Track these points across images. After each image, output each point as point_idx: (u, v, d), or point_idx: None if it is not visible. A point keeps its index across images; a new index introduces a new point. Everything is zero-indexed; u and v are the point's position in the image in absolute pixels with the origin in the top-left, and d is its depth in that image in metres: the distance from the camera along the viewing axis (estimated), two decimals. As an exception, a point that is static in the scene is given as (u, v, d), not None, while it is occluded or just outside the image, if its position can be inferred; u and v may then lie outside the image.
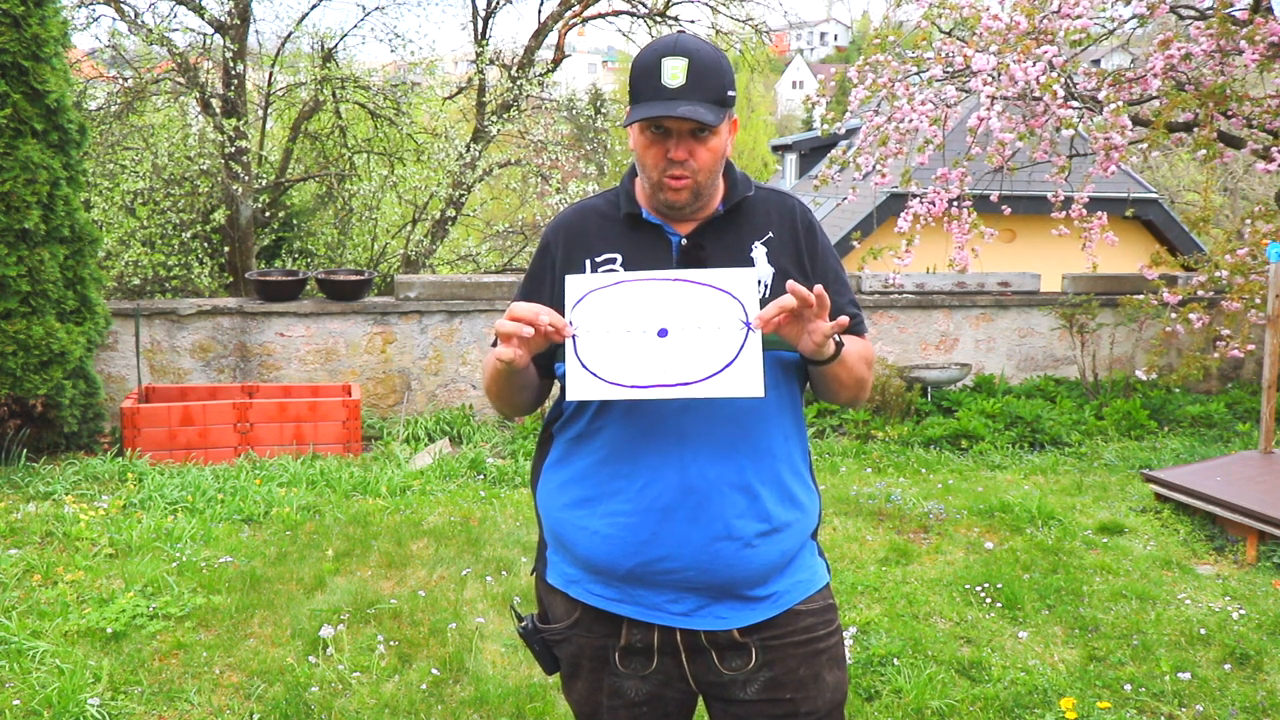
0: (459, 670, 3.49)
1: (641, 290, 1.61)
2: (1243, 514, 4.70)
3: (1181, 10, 6.80)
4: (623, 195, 1.80)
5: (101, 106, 9.44)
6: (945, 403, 7.57)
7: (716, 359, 1.56)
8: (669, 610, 1.71)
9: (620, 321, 1.60)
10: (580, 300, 1.62)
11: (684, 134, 1.66)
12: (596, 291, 1.62)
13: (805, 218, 1.82)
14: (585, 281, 1.63)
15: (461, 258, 12.31)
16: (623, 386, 1.57)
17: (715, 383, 1.55)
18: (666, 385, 1.56)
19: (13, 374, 5.47)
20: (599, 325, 1.60)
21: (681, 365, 1.57)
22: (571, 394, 1.59)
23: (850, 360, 1.70)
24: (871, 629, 3.81)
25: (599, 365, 1.58)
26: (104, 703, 3.15)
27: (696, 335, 1.58)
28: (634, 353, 1.58)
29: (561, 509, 1.76)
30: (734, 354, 1.56)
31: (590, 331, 1.60)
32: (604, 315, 1.60)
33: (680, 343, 1.58)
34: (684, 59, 1.64)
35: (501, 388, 1.74)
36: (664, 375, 1.56)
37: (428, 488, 5.74)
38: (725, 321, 1.57)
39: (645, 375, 1.57)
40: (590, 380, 1.58)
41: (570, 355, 1.60)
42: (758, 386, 1.54)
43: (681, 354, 1.57)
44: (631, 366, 1.57)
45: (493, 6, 11.92)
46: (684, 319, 1.59)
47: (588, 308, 1.61)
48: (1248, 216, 7.37)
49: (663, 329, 1.59)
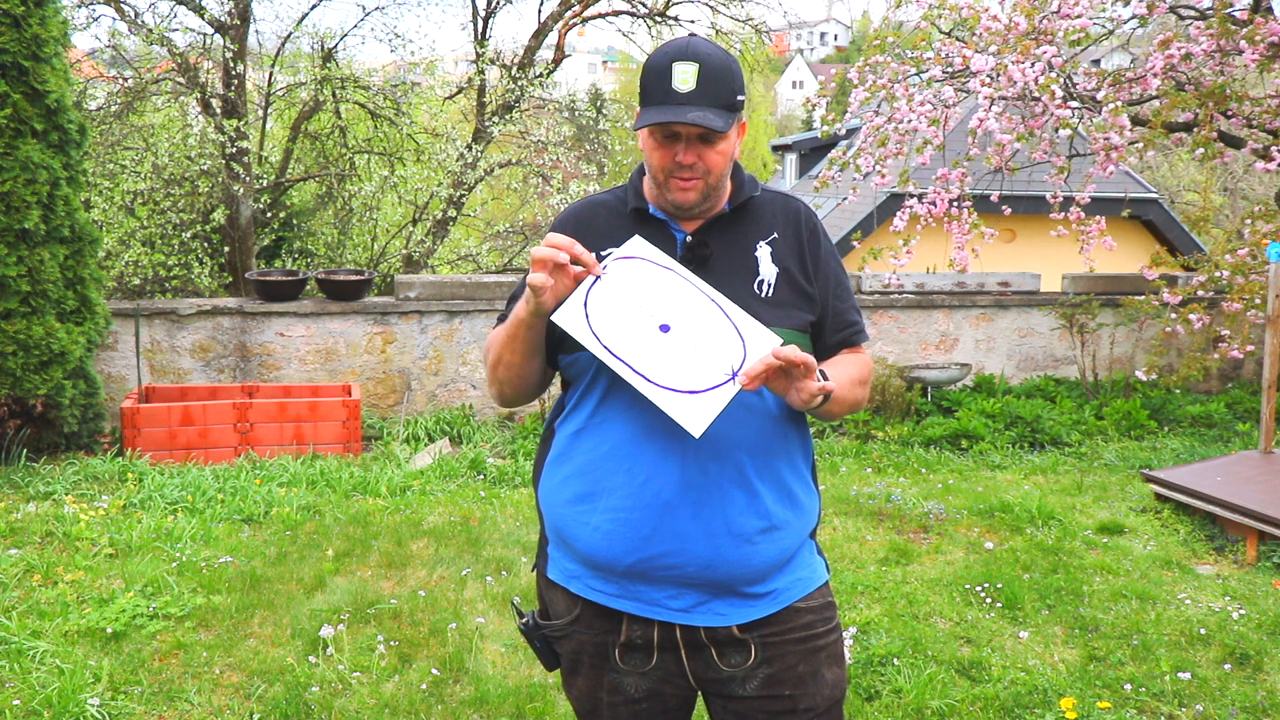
0: (459, 670, 3.49)
1: (678, 286, 1.65)
2: (1243, 514, 4.70)
3: (1181, 10, 6.80)
4: (630, 191, 1.83)
5: (101, 106, 9.44)
6: (945, 403, 7.57)
7: (689, 380, 1.58)
8: (669, 606, 1.72)
9: (641, 294, 1.63)
10: (626, 257, 1.67)
11: (693, 139, 1.68)
12: (644, 261, 1.67)
13: (810, 221, 1.84)
14: (643, 248, 1.68)
15: (462, 258, 12.31)
16: (600, 343, 1.60)
17: (671, 398, 1.57)
18: (633, 369, 1.59)
19: (13, 374, 5.47)
20: (622, 284, 1.64)
21: (659, 364, 1.59)
22: (557, 316, 1.62)
23: (841, 395, 1.71)
24: (871, 629, 3.81)
25: (597, 314, 1.62)
26: (104, 703, 3.15)
27: (690, 351, 1.60)
28: (631, 326, 1.61)
29: (563, 504, 1.77)
30: (704, 388, 1.58)
31: (612, 284, 1.64)
32: (632, 281, 1.65)
33: (672, 346, 1.60)
34: (695, 64, 1.65)
35: (514, 350, 1.73)
36: (638, 360, 1.59)
37: (428, 488, 5.74)
38: (719, 357, 1.59)
39: (625, 349, 1.60)
40: (581, 319, 1.61)
41: (581, 289, 1.63)
42: (699, 428, 1.56)
43: (666, 355, 1.60)
44: (620, 335, 1.61)
45: (493, 6, 11.93)
46: (690, 330, 1.61)
47: (625, 267, 1.66)
48: (1248, 216, 7.37)
49: (666, 325, 1.62)
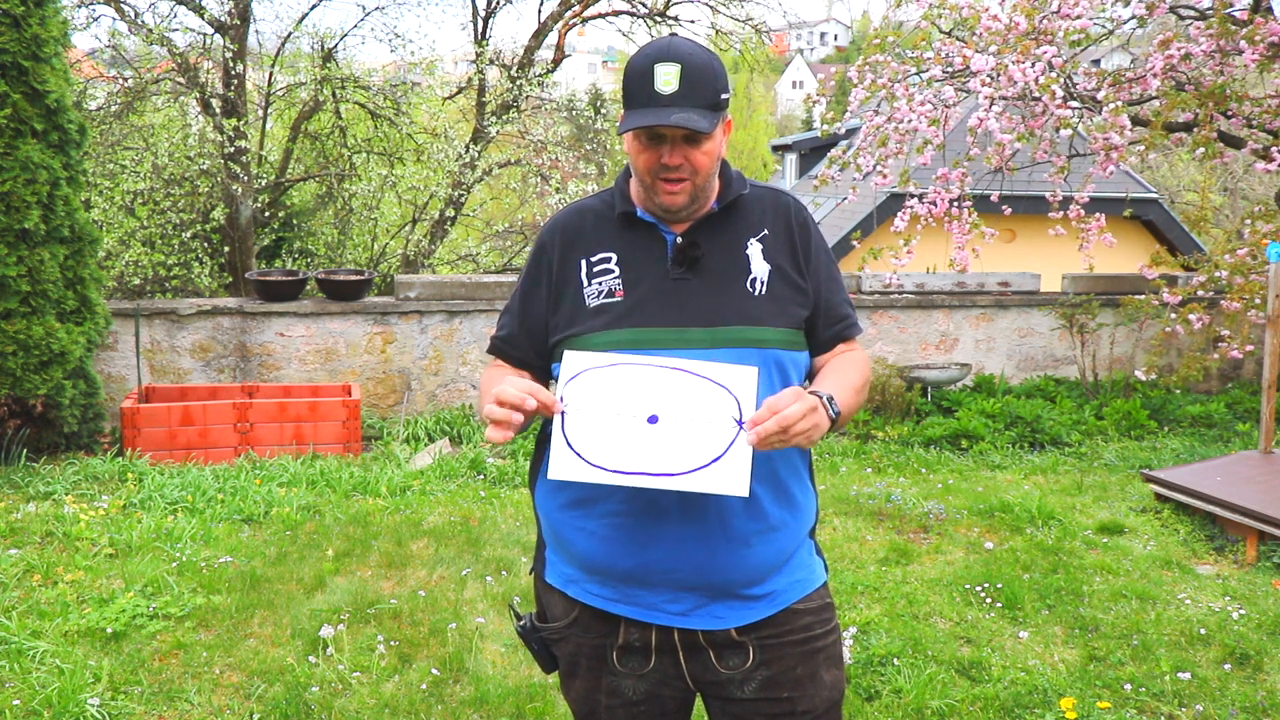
0: (459, 670, 3.49)
1: (637, 374, 1.58)
2: (1243, 514, 4.70)
3: (1181, 10, 6.80)
4: (617, 195, 1.80)
5: (101, 106, 9.44)
6: (945, 403, 7.57)
7: (704, 453, 1.52)
8: (666, 610, 1.72)
9: (611, 403, 1.56)
10: (574, 377, 1.59)
11: (678, 140, 1.66)
12: (592, 371, 1.59)
13: (800, 215, 1.82)
14: (581, 359, 1.60)
15: (461, 258, 12.32)
16: (606, 470, 1.53)
17: (699, 477, 1.51)
18: (650, 474, 1.52)
19: (13, 374, 5.47)
20: (589, 404, 1.56)
21: (668, 455, 1.53)
22: (553, 472, 1.55)
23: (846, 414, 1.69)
24: (871, 629, 3.81)
25: (584, 445, 1.54)
26: (104, 703, 3.15)
27: (687, 426, 1.54)
28: (621, 436, 1.54)
29: (559, 509, 1.76)
30: (722, 450, 1.52)
31: (580, 410, 1.56)
32: (596, 394, 1.57)
33: (669, 431, 1.54)
34: (676, 65, 1.63)
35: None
36: (649, 463, 1.52)
37: (428, 488, 5.74)
38: (717, 416, 1.54)
39: (630, 461, 1.53)
40: (574, 460, 1.54)
41: (557, 431, 1.56)
42: (743, 486, 1.51)
43: (669, 443, 1.53)
44: (617, 450, 1.54)
45: (493, 6, 11.94)
46: (676, 408, 1.55)
47: (580, 385, 1.58)
48: (1248, 216, 7.37)
49: (653, 415, 1.55)
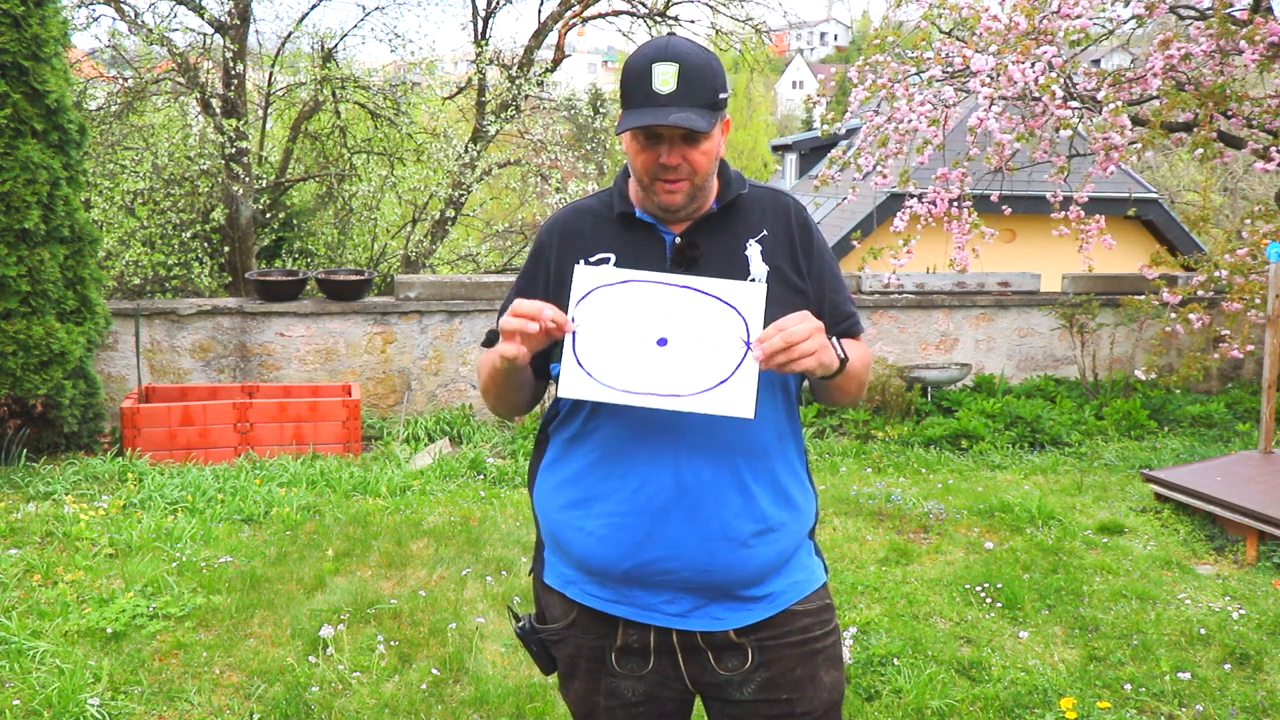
0: (459, 670, 3.49)
1: (647, 293, 1.60)
2: (1243, 514, 4.70)
3: (1181, 10, 6.80)
4: (616, 195, 1.80)
5: (101, 106, 9.44)
6: (945, 403, 7.57)
7: (711, 375, 1.56)
8: (665, 611, 1.71)
9: (622, 323, 1.59)
10: (586, 295, 1.61)
11: (676, 140, 1.65)
12: (603, 289, 1.61)
13: (800, 216, 1.81)
14: (593, 276, 1.62)
15: (461, 258, 12.32)
16: (615, 389, 1.57)
17: (706, 398, 1.55)
18: (658, 394, 1.56)
19: (13, 374, 5.47)
20: (600, 324, 1.59)
21: (676, 377, 1.56)
22: (563, 390, 1.59)
23: (854, 369, 1.71)
24: (871, 629, 3.81)
25: (594, 365, 1.58)
26: (104, 703, 3.15)
27: (695, 348, 1.57)
28: (631, 357, 1.58)
29: (558, 510, 1.76)
30: (729, 371, 1.56)
31: (591, 330, 1.59)
32: (607, 314, 1.60)
33: (678, 353, 1.57)
34: (675, 64, 1.63)
35: (500, 387, 1.75)
36: (657, 384, 1.56)
37: (428, 488, 5.74)
38: (726, 337, 1.57)
39: (639, 381, 1.57)
40: (584, 379, 1.58)
41: (567, 350, 1.59)
42: (749, 408, 1.55)
43: (678, 365, 1.57)
44: (626, 371, 1.57)
45: (493, 6, 11.93)
46: (685, 330, 1.58)
47: (592, 304, 1.61)
48: (1248, 216, 7.37)
49: (662, 338, 1.58)
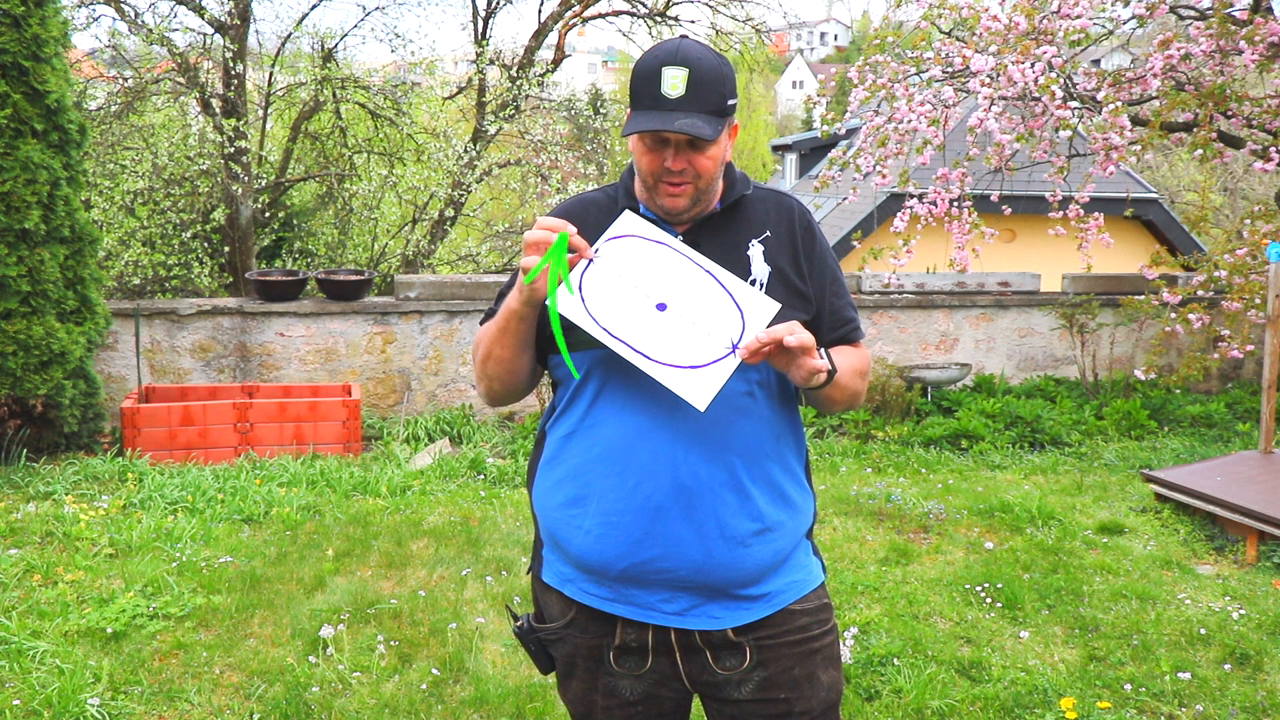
0: (459, 670, 3.49)
1: (672, 261, 1.66)
2: (1243, 514, 4.70)
3: (1181, 10, 6.80)
4: (621, 190, 1.81)
5: (101, 106, 9.43)
6: (945, 403, 7.57)
7: (689, 356, 1.60)
8: (662, 610, 1.71)
9: (635, 274, 1.65)
10: (619, 237, 1.68)
11: (682, 145, 1.66)
12: (636, 239, 1.68)
13: (804, 219, 1.81)
14: (635, 224, 1.69)
15: (461, 258, 12.30)
16: (600, 327, 1.61)
17: (673, 373, 1.59)
18: (634, 350, 1.60)
19: (13, 374, 5.47)
20: (617, 266, 1.65)
21: (657, 341, 1.61)
22: (560, 305, 1.63)
23: (843, 381, 1.72)
24: (871, 629, 3.81)
25: (592, 297, 1.63)
26: (104, 703, 3.15)
27: (688, 327, 1.62)
28: (628, 306, 1.63)
29: (555, 508, 1.76)
30: (706, 362, 1.60)
31: (606, 266, 1.66)
32: (627, 261, 1.66)
33: (670, 323, 1.62)
34: (684, 69, 1.63)
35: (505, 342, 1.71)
36: (637, 339, 1.61)
37: (428, 488, 5.74)
38: (718, 331, 1.61)
39: (623, 329, 1.61)
40: (577, 304, 1.63)
41: (576, 273, 1.65)
42: (704, 401, 1.58)
43: (664, 333, 1.61)
44: (618, 315, 1.62)
45: (493, 6, 11.93)
46: (688, 307, 1.63)
47: (619, 247, 1.68)
48: (1248, 216, 7.37)
49: (663, 304, 1.63)
